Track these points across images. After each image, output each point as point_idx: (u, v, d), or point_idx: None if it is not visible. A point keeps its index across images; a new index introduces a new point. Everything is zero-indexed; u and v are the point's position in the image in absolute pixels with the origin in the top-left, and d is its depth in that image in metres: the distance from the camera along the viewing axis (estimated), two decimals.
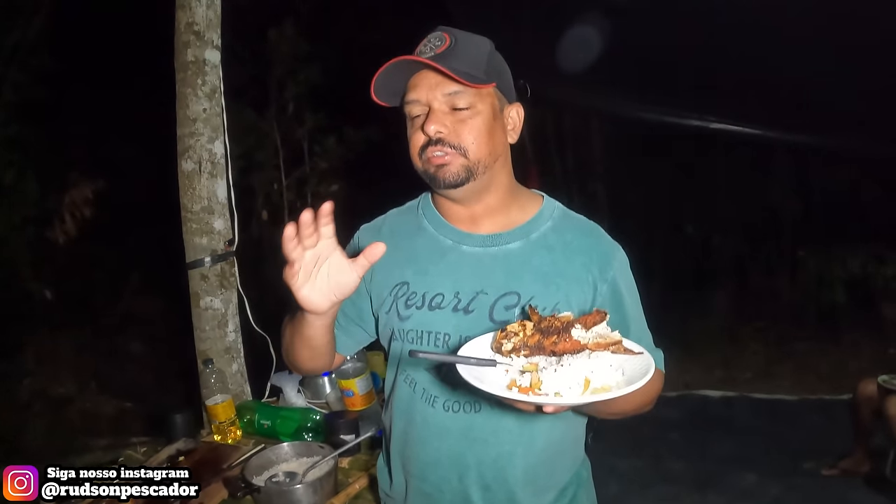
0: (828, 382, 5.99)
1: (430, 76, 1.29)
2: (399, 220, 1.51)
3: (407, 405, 1.43)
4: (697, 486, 4.11)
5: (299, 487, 1.83)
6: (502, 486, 1.39)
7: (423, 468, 1.43)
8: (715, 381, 6.08)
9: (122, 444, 4.83)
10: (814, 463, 4.34)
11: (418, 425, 1.41)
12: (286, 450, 2.05)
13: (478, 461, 1.38)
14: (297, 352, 1.39)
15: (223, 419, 2.40)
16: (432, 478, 1.42)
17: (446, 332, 1.35)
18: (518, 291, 1.33)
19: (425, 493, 1.45)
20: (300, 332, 1.31)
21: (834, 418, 5.11)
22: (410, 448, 1.45)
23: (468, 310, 1.34)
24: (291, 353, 1.43)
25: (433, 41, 1.29)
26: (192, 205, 2.55)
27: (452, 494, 1.41)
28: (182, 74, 2.50)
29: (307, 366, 1.46)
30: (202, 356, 2.62)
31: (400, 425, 1.47)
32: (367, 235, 1.53)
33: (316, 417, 2.37)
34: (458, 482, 1.40)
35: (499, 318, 1.32)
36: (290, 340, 1.39)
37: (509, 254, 1.37)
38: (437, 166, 1.29)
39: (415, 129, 1.31)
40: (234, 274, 2.69)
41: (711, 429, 5.11)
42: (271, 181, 6.19)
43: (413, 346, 1.38)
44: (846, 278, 7.22)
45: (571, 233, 1.40)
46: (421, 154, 1.31)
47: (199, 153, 2.52)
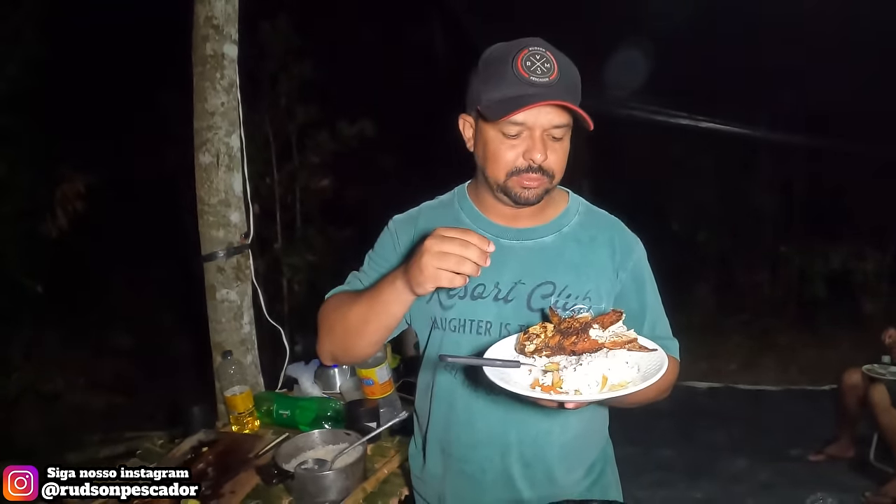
0: (809, 373, 6.15)
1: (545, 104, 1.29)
2: (435, 213, 1.56)
3: (448, 391, 1.50)
4: (689, 472, 4.23)
5: (331, 473, 1.88)
6: (541, 463, 1.49)
7: (465, 450, 1.50)
8: (701, 372, 6.18)
9: (118, 439, 4.84)
10: (800, 449, 4.48)
11: (460, 409, 1.48)
12: (314, 437, 2.10)
13: (519, 440, 1.47)
14: (364, 335, 1.39)
15: (242, 410, 2.42)
16: (475, 458, 1.49)
17: (488, 321, 1.43)
18: (553, 281, 1.42)
19: (468, 473, 1.51)
20: (385, 312, 1.32)
21: (816, 407, 5.29)
22: (452, 432, 1.51)
23: (507, 299, 1.43)
24: (353, 338, 1.41)
25: (541, 63, 1.28)
26: (209, 198, 2.57)
27: (495, 473, 1.49)
28: (200, 68, 2.51)
29: (365, 350, 1.45)
30: (218, 348, 2.64)
31: (440, 410, 1.53)
32: (402, 226, 1.56)
33: (334, 406, 2.41)
34: (501, 461, 1.48)
35: (536, 306, 1.41)
36: (354, 325, 1.39)
37: (544, 246, 1.46)
38: (525, 188, 1.36)
39: (508, 147, 1.33)
40: (249, 266, 2.72)
41: (699, 418, 5.23)
42: (262, 175, 6.16)
43: (455, 333, 1.45)
44: (827, 273, 7.36)
45: (596, 227, 1.51)
46: (512, 174, 1.35)
47: (217, 146, 2.54)
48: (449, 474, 1.56)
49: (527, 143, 1.32)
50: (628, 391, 1.08)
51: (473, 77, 1.37)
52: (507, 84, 1.28)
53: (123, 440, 4.75)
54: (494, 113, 1.29)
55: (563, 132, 1.34)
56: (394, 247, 1.54)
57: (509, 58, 1.29)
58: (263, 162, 6.04)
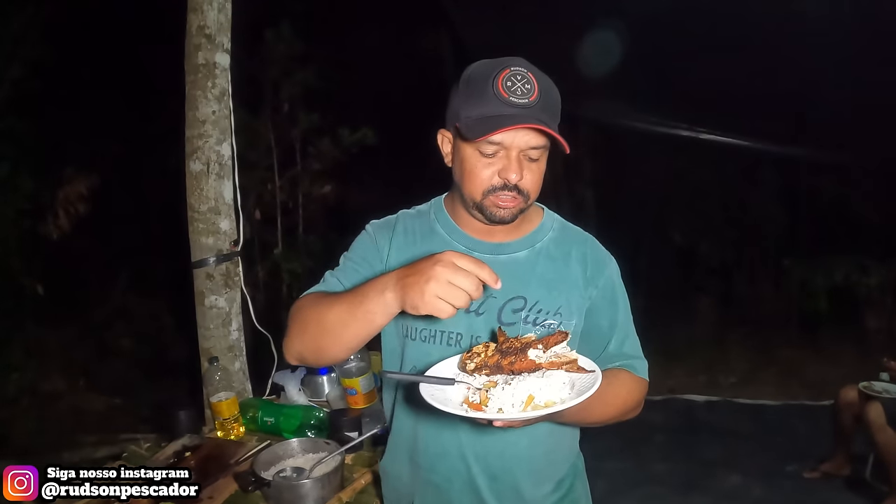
0: (810, 388, 6.10)
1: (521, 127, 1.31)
2: (412, 221, 1.57)
3: (416, 402, 1.48)
4: (683, 487, 4.20)
5: (308, 482, 1.88)
6: (508, 476, 1.49)
7: (433, 460, 1.51)
8: (699, 385, 6.18)
9: (112, 441, 4.86)
10: (796, 466, 4.45)
11: (428, 420, 1.49)
12: (293, 446, 2.11)
13: (486, 452, 1.48)
14: (340, 339, 1.30)
15: (227, 416, 2.43)
16: (442, 469, 1.50)
17: (458, 332, 1.44)
18: (524, 296, 1.44)
19: (435, 484, 1.52)
20: (367, 321, 1.25)
21: (815, 423, 5.25)
22: (420, 442, 1.52)
23: (479, 312, 1.44)
24: (327, 340, 1.32)
25: (521, 84, 1.30)
26: (199, 205, 2.59)
27: (461, 484, 1.49)
28: (192, 77, 2.53)
29: (337, 355, 1.37)
30: (206, 354, 2.66)
31: (408, 419, 1.54)
32: (380, 230, 1.57)
33: (318, 415, 2.42)
34: (467, 472, 1.48)
35: (507, 320, 1.43)
36: (331, 327, 1.30)
37: (517, 261, 1.47)
38: (500, 207, 1.37)
39: (485, 165, 1.35)
40: (238, 273, 2.73)
41: (696, 432, 5.23)
42: (264, 181, 6.18)
43: (426, 343, 1.46)
44: (830, 287, 7.32)
45: (569, 243, 1.52)
46: (488, 193, 1.36)
47: (208, 154, 2.56)
48: (417, 483, 1.56)
49: (503, 163, 1.33)
50: (552, 410, 1.10)
51: (454, 94, 1.39)
52: (486, 103, 1.29)
53: (118, 442, 4.77)
54: (472, 132, 1.30)
55: (539, 153, 1.35)
56: (375, 248, 1.54)
57: (490, 77, 1.30)
58: (265, 168, 6.06)
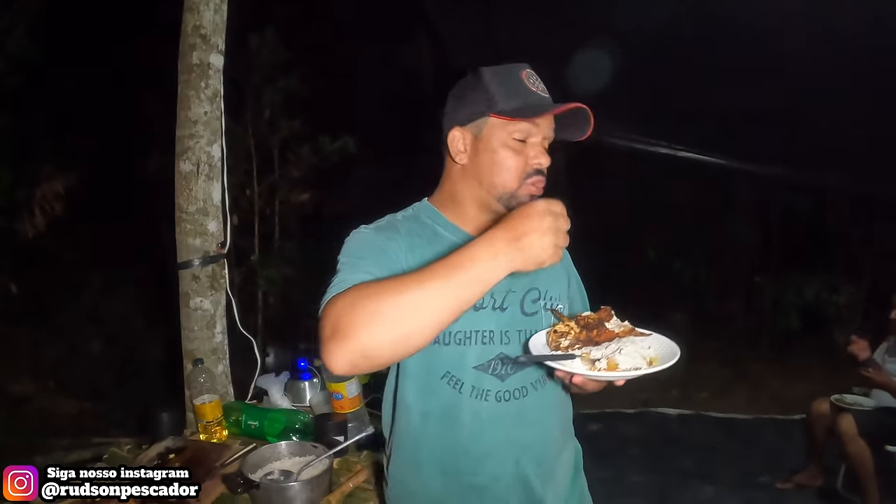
0: (780, 402, 6.22)
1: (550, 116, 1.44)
2: (408, 225, 1.52)
3: (448, 406, 1.47)
4: (658, 499, 4.25)
5: (296, 485, 1.88)
6: (548, 462, 1.57)
7: (476, 462, 1.49)
8: (672, 399, 6.24)
9: (84, 445, 4.79)
10: (769, 477, 4.52)
11: (468, 422, 1.47)
12: (281, 448, 2.10)
13: (531, 442, 1.53)
14: (439, 318, 1.13)
15: (211, 419, 2.41)
16: (488, 468, 1.50)
17: (490, 329, 1.47)
18: (538, 287, 1.54)
19: (479, 485, 1.50)
20: (478, 290, 1.13)
21: (786, 436, 5.36)
22: (459, 446, 1.49)
23: (503, 307, 1.49)
24: (418, 320, 1.12)
25: (538, 81, 1.45)
26: (187, 206, 2.57)
27: (508, 479, 1.51)
28: (186, 76, 2.52)
29: (425, 340, 1.16)
30: (190, 356, 2.64)
31: (438, 427, 1.49)
32: (386, 232, 1.47)
33: (303, 419, 2.41)
34: (515, 466, 1.51)
35: (529, 311, 1.52)
36: (424, 306, 1.12)
37: None
38: (533, 193, 1.43)
39: (515, 154, 1.42)
40: (223, 276, 2.72)
41: (669, 445, 5.28)
42: (242, 187, 6.15)
43: (462, 346, 1.45)
44: (800, 304, 7.46)
45: None
46: (524, 180, 1.43)
47: (198, 155, 2.55)
48: (454, 490, 1.52)
49: (532, 150, 1.42)
50: (666, 366, 1.25)
51: (471, 92, 1.45)
52: (522, 94, 1.41)
53: (90, 446, 4.71)
54: (525, 113, 1.39)
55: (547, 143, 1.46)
56: (384, 240, 1.44)
57: (515, 74, 1.43)
58: (244, 173, 6.03)
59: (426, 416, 1.50)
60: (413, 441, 1.53)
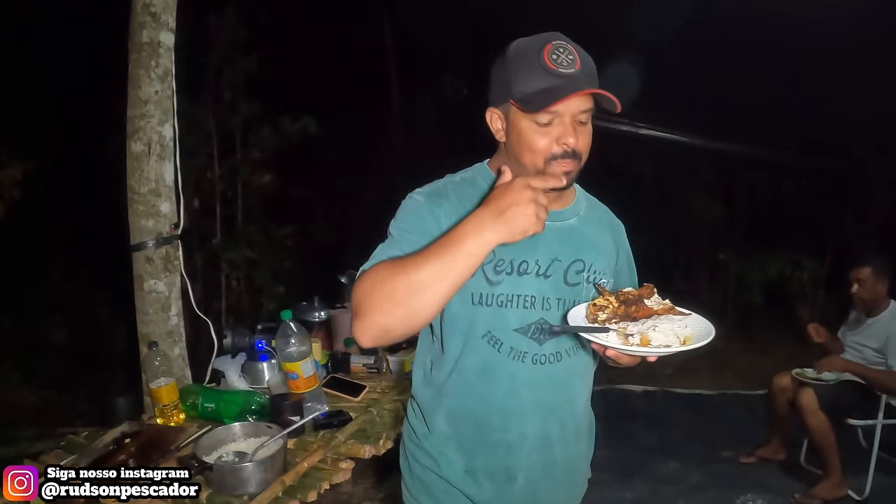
0: (744, 378, 6.30)
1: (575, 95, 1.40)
2: (462, 190, 1.56)
3: (487, 363, 1.54)
4: (623, 473, 4.27)
5: (250, 465, 1.88)
6: (572, 423, 1.65)
7: (507, 419, 1.57)
8: (637, 376, 6.25)
9: (50, 435, 4.72)
10: (732, 452, 4.60)
11: (503, 380, 1.55)
12: (235, 430, 2.10)
13: (559, 403, 1.61)
14: (438, 293, 1.26)
15: (167, 402, 2.40)
16: (518, 426, 1.57)
17: (532, 295, 1.52)
18: (583, 259, 1.58)
19: (507, 442, 1.58)
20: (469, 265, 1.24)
21: (750, 411, 5.46)
22: (494, 402, 1.56)
23: (547, 275, 1.53)
24: (422, 299, 1.26)
25: (565, 56, 1.39)
26: (139, 186, 2.54)
27: (535, 438, 1.59)
28: (136, 55, 2.48)
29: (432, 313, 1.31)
30: (145, 339, 2.62)
31: (475, 382, 1.57)
32: (433, 199, 1.52)
33: (259, 400, 2.41)
34: (541, 425, 1.59)
35: (571, 281, 1.56)
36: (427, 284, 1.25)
37: (571, 228, 1.60)
38: (567, 173, 1.44)
39: (542, 135, 1.42)
40: (178, 257, 2.69)
41: (634, 421, 5.33)
42: (203, 169, 6.06)
43: (503, 308, 1.51)
44: (764, 281, 7.55)
45: (599, 211, 1.72)
46: (550, 160, 1.43)
47: (149, 135, 2.51)
48: (483, 444, 1.60)
49: (559, 130, 1.41)
50: (701, 344, 1.30)
51: (498, 72, 1.46)
52: (538, 78, 1.38)
53: (55, 436, 4.65)
54: (531, 105, 1.38)
55: (587, 116, 1.44)
56: (431, 216, 1.49)
57: (535, 53, 1.39)
58: (205, 156, 5.94)
59: (465, 370, 1.57)
60: (451, 391, 1.59)
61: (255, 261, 6.10)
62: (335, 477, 2.05)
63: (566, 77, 1.37)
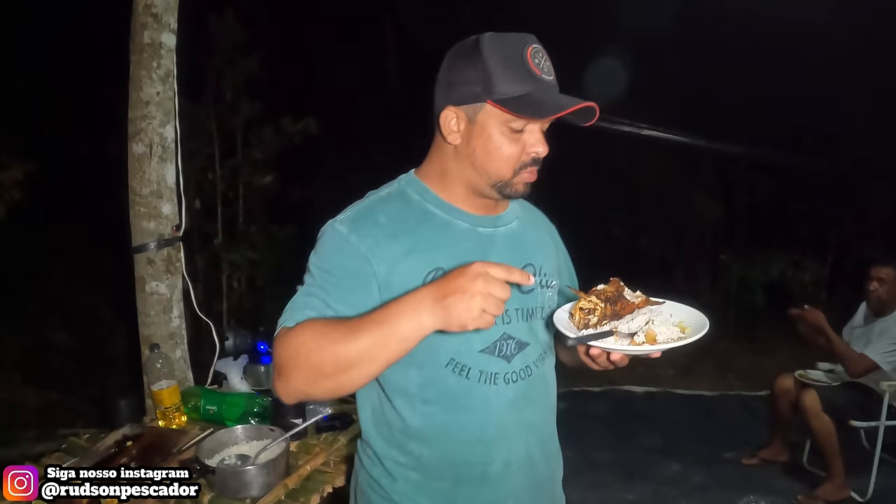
0: (746, 379, 6.31)
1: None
2: (392, 207, 1.41)
3: (454, 395, 1.39)
4: (625, 475, 4.28)
5: (252, 468, 1.87)
6: (551, 440, 1.56)
7: (488, 449, 1.42)
8: (638, 377, 6.26)
9: (52, 436, 4.72)
10: (734, 453, 4.58)
11: (477, 409, 1.40)
12: (237, 433, 2.09)
13: (539, 421, 1.49)
14: (367, 373, 1.18)
15: (168, 404, 2.39)
16: (501, 454, 1.42)
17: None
18: (532, 262, 1.48)
19: (491, 474, 1.43)
20: (402, 349, 1.15)
21: (751, 413, 5.45)
22: (471, 435, 1.41)
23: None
24: (351, 375, 1.18)
25: (544, 61, 1.30)
26: (140, 188, 2.53)
27: (519, 462, 1.45)
28: (137, 56, 2.47)
29: (357, 387, 1.27)
30: (146, 341, 2.61)
31: (442, 420, 1.41)
32: (357, 230, 1.35)
33: (261, 402, 2.40)
34: (524, 448, 1.45)
35: (525, 289, 1.42)
36: (356, 361, 1.15)
37: (514, 232, 1.48)
38: (527, 182, 1.36)
39: (512, 142, 1.32)
40: (179, 259, 2.68)
41: (636, 422, 5.33)
42: (204, 170, 6.06)
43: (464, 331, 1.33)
44: (766, 282, 7.55)
45: (531, 212, 1.62)
46: (520, 169, 1.33)
47: (151, 136, 2.51)
48: (462, 482, 1.43)
49: (530, 138, 1.32)
50: (701, 335, 1.22)
51: (469, 70, 1.30)
52: (523, 81, 1.27)
53: (57, 437, 4.65)
54: (526, 111, 1.27)
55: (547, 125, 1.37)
56: (356, 253, 1.33)
57: (519, 55, 1.27)
58: (206, 157, 5.94)
59: (429, 406, 1.40)
60: (416, 434, 1.41)
61: (257, 262, 6.10)
62: (338, 480, 2.04)
63: (548, 83, 1.29)
